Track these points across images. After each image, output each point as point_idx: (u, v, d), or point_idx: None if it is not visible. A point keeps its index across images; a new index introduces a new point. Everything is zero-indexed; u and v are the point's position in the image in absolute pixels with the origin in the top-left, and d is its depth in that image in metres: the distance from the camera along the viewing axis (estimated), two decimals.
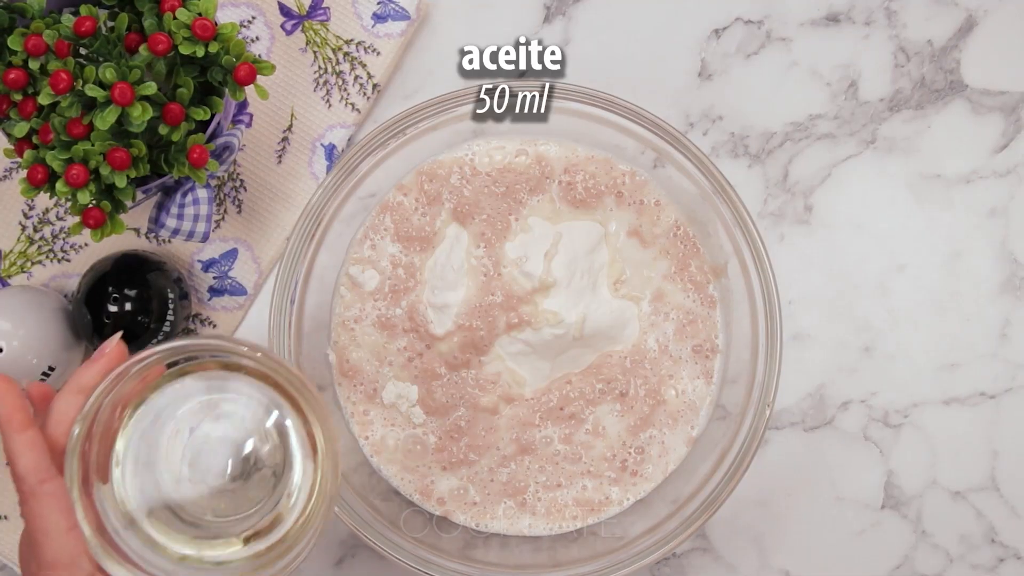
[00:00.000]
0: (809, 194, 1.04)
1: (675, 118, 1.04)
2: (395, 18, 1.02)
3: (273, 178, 1.03)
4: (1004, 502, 1.04)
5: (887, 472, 1.04)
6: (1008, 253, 1.04)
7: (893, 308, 1.04)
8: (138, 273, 0.97)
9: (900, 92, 1.04)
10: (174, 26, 0.82)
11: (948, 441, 1.04)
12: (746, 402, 0.92)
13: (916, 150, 1.04)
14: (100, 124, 0.80)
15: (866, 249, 1.04)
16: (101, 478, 0.73)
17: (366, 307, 0.96)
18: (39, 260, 1.03)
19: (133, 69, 0.81)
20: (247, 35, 1.03)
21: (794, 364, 1.03)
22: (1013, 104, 1.04)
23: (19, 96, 0.83)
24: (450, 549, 0.93)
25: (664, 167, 0.94)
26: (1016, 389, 1.04)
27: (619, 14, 1.04)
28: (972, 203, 1.04)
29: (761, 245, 0.90)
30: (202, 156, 0.85)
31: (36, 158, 0.82)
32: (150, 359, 0.71)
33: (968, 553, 1.04)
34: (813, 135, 1.04)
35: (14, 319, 0.95)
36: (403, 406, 0.96)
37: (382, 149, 0.92)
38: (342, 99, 1.03)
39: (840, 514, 1.04)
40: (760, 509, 1.04)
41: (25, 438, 0.71)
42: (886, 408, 1.04)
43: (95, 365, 0.74)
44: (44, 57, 0.82)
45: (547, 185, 0.95)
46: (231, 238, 1.03)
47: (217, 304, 1.03)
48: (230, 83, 0.85)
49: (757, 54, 1.04)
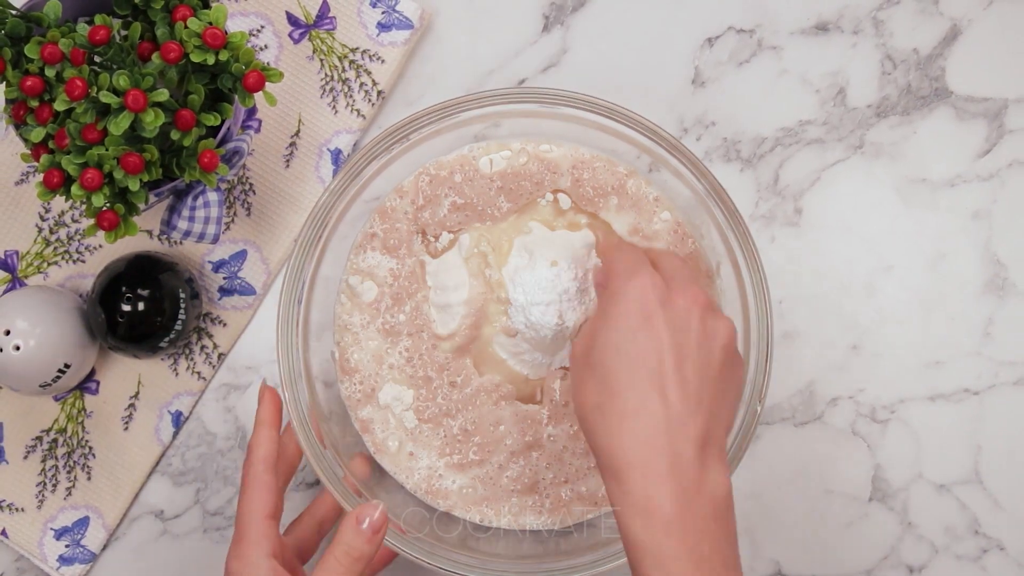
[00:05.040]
0: (799, 197, 1.04)
1: (670, 124, 1.04)
2: (399, 27, 1.03)
3: (281, 182, 1.04)
4: (987, 495, 1.04)
5: (874, 466, 1.04)
6: (991, 254, 1.04)
7: (880, 307, 1.04)
8: (151, 273, 0.98)
9: (887, 99, 1.04)
10: (185, 35, 0.83)
11: (933, 436, 1.04)
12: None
13: (902, 155, 1.04)
14: (114, 129, 0.80)
15: (854, 250, 1.04)
16: None
17: (365, 316, 0.96)
18: (55, 261, 1.04)
19: (146, 76, 0.81)
20: (256, 43, 1.04)
21: (784, 361, 1.03)
22: (996, 110, 1.04)
23: (36, 102, 0.84)
24: (451, 541, 0.93)
25: (659, 171, 0.94)
26: (999, 386, 1.04)
27: (616, 23, 1.05)
28: (957, 206, 1.04)
29: (753, 246, 0.90)
30: (212, 160, 0.86)
31: (52, 162, 0.82)
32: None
33: (953, 544, 1.04)
34: (803, 140, 1.04)
35: (31, 318, 0.96)
36: (397, 408, 0.96)
37: (386, 154, 0.92)
38: (348, 105, 1.04)
39: (829, 506, 1.04)
40: (752, 502, 1.04)
41: (271, 434, 0.87)
42: (873, 404, 1.04)
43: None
44: (60, 65, 0.82)
45: (552, 183, 0.95)
46: (240, 240, 1.04)
47: (227, 303, 1.04)
48: (240, 90, 0.85)
49: (749, 62, 1.05)
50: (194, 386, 1.04)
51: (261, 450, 0.86)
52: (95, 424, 1.04)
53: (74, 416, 1.04)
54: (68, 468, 1.04)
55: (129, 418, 1.04)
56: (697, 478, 0.73)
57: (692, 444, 0.74)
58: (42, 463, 1.04)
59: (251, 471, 0.85)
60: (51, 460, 1.04)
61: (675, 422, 0.74)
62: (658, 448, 0.73)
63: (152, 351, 0.99)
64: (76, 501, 1.04)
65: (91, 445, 1.04)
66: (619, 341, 0.76)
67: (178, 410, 1.04)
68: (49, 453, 1.04)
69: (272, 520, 0.84)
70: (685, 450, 0.73)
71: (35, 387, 0.97)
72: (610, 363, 0.76)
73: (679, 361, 0.75)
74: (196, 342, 1.04)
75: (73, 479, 1.04)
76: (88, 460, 1.04)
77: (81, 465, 1.04)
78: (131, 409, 1.04)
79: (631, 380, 0.75)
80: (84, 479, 1.04)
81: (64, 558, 1.03)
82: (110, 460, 1.04)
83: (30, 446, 1.04)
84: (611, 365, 0.76)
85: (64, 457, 1.04)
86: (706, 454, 0.74)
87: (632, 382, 0.75)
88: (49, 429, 1.04)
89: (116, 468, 1.04)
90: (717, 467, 0.75)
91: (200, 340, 1.04)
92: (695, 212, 0.94)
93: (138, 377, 1.04)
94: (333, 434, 0.94)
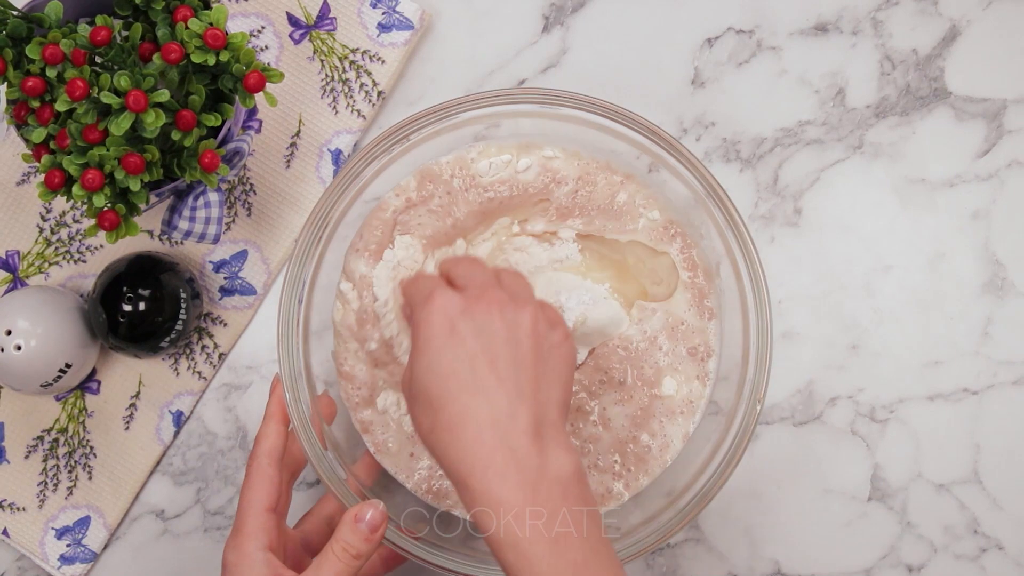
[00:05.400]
0: (798, 197, 1.04)
1: (669, 124, 1.04)
2: (399, 28, 1.03)
3: (282, 182, 1.04)
4: (986, 494, 1.04)
5: (873, 465, 1.04)
6: (990, 254, 1.04)
7: (879, 307, 1.04)
8: (151, 273, 0.98)
9: (886, 99, 1.04)
10: (186, 36, 0.83)
11: (932, 435, 1.04)
12: (738, 398, 0.92)
13: (901, 155, 1.04)
14: (115, 130, 0.80)
15: (853, 250, 1.04)
16: None
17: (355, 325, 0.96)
18: (56, 261, 1.04)
19: (147, 77, 0.81)
20: (257, 44, 1.04)
21: (784, 361, 1.03)
22: (995, 111, 1.04)
23: (37, 103, 0.84)
24: (451, 540, 0.93)
25: (659, 171, 0.94)
26: (998, 385, 1.04)
27: (615, 24, 1.05)
28: (955, 206, 1.04)
29: (752, 247, 0.90)
30: (213, 161, 0.86)
31: (53, 163, 0.83)
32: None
33: (952, 543, 1.04)
34: (802, 141, 1.04)
35: (33, 318, 0.96)
36: (395, 413, 0.95)
37: (386, 154, 0.92)
38: (348, 106, 1.04)
39: (828, 506, 1.04)
40: (751, 501, 1.04)
41: (278, 428, 0.89)
42: (872, 404, 1.04)
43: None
44: (61, 65, 0.82)
45: (551, 191, 0.95)
46: (241, 240, 1.04)
47: (228, 303, 1.04)
48: (240, 90, 0.86)
49: (748, 62, 1.05)
50: (195, 386, 1.04)
51: (267, 443, 0.87)
52: (96, 424, 1.04)
53: (75, 416, 1.04)
54: (69, 468, 1.04)
55: (130, 418, 1.04)
56: (538, 464, 0.74)
57: (524, 435, 0.75)
58: (43, 463, 1.04)
59: (255, 463, 0.86)
60: (52, 460, 1.04)
61: (502, 419, 0.75)
62: (492, 447, 0.74)
63: (153, 351, 1.00)
64: (77, 501, 1.04)
65: (92, 445, 1.04)
66: (430, 362, 0.77)
67: (179, 410, 1.04)
68: (50, 453, 1.04)
69: (271, 513, 0.84)
70: (519, 441, 0.74)
71: (36, 387, 0.98)
72: (429, 385, 0.77)
73: (491, 361, 0.76)
74: (197, 342, 1.04)
75: (74, 479, 1.04)
76: (89, 460, 1.04)
77: (82, 465, 1.04)
78: (132, 409, 1.04)
79: (450, 393, 0.76)
80: (85, 479, 1.04)
81: (65, 557, 1.03)
82: (111, 460, 1.04)
83: (31, 446, 1.04)
84: (430, 386, 0.77)
85: (65, 457, 1.04)
86: (542, 439, 0.75)
87: (451, 395, 0.76)
88: (50, 429, 1.04)
89: (117, 468, 1.04)
90: (557, 448, 0.76)
91: (201, 340, 1.04)
92: (694, 212, 0.94)
93: (139, 377, 1.04)
94: (334, 434, 0.94)
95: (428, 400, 0.77)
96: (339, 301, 0.96)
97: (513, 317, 0.78)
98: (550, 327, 0.80)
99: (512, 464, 0.74)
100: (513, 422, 0.75)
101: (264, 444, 0.87)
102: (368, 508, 0.82)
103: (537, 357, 0.78)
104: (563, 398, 0.79)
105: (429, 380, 0.77)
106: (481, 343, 0.76)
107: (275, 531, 0.84)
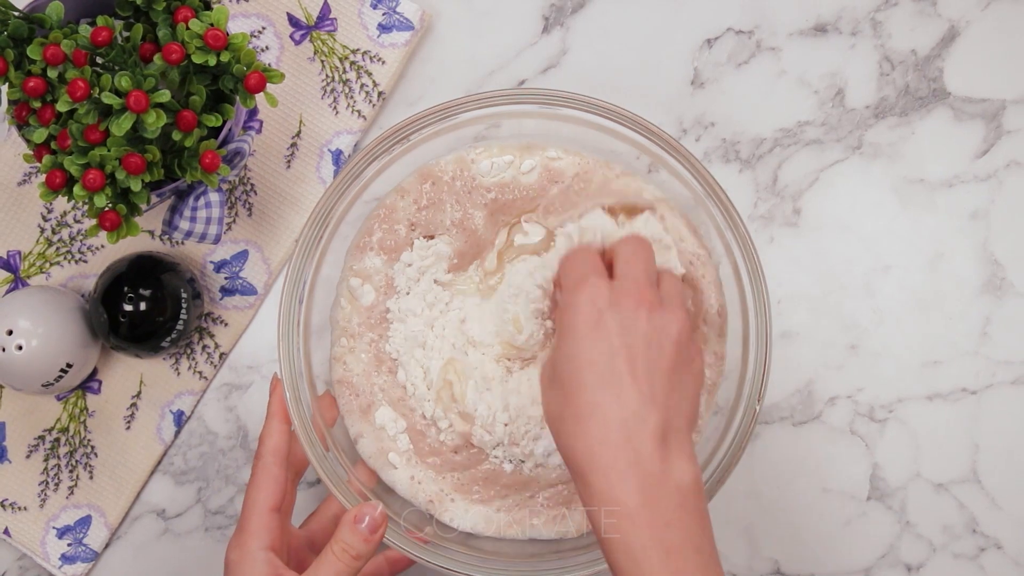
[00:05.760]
0: (798, 198, 1.04)
1: (669, 125, 1.05)
2: (400, 28, 1.03)
3: (282, 182, 1.04)
4: (985, 494, 1.04)
5: (872, 465, 1.04)
6: (989, 254, 1.04)
7: (878, 307, 1.04)
8: (152, 274, 0.98)
9: (885, 100, 1.05)
10: (187, 36, 0.83)
11: (931, 435, 1.04)
12: (737, 397, 0.92)
13: (901, 155, 1.04)
14: (116, 130, 0.80)
15: (852, 250, 1.05)
16: None
17: (363, 331, 0.96)
18: (57, 261, 1.04)
19: (148, 77, 0.81)
20: (257, 45, 1.04)
21: (783, 361, 1.03)
22: (994, 111, 1.04)
23: (38, 103, 0.84)
24: (452, 540, 0.93)
25: (658, 172, 0.94)
26: (996, 385, 1.04)
27: (615, 25, 1.05)
28: (954, 206, 1.04)
29: (752, 246, 0.91)
30: (214, 161, 0.86)
31: (54, 163, 0.83)
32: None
33: (950, 543, 1.04)
34: (801, 141, 1.04)
35: (34, 318, 0.96)
36: (392, 430, 0.95)
37: (387, 155, 0.92)
38: (349, 106, 1.04)
39: (827, 505, 1.04)
40: (751, 500, 1.04)
41: (281, 426, 0.89)
42: (872, 403, 1.04)
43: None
44: (62, 66, 0.82)
45: (549, 190, 0.95)
46: (242, 240, 1.04)
47: (228, 303, 1.05)
48: (241, 91, 0.86)
49: (748, 63, 1.05)
50: (196, 385, 1.04)
51: (271, 441, 0.88)
52: (97, 423, 1.04)
53: (76, 415, 1.04)
54: (70, 467, 1.04)
55: (131, 417, 1.04)
56: (659, 470, 0.75)
57: (651, 438, 0.75)
58: (44, 462, 1.04)
59: (260, 463, 0.87)
60: (53, 459, 1.04)
61: (631, 419, 0.75)
62: (617, 445, 0.75)
63: (154, 351, 1.00)
64: (78, 500, 1.04)
65: (93, 444, 1.04)
66: (572, 350, 0.78)
67: (180, 409, 1.04)
68: (51, 452, 1.04)
69: (275, 513, 0.85)
70: (644, 444, 0.75)
71: (37, 386, 0.98)
72: (566, 372, 0.78)
73: (630, 360, 0.77)
74: (198, 342, 1.04)
75: (75, 478, 1.04)
76: (90, 459, 1.04)
77: (83, 464, 1.04)
78: (133, 408, 1.04)
79: (585, 384, 0.77)
80: (86, 478, 1.04)
81: (66, 557, 1.03)
82: (112, 459, 1.04)
83: (32, 445, 1.04)
84: (567, 374, 0.78)
85: (66, 456, 1.04)
86: (667, 446, 0.76)
87: (586, 386, 0.77)
88: (51, 428, 1.04)
89: (118, 467, 1.04)
90: (680, 457, 0.76)
91: (202, 340, 1.04)
92: (694, 212, 0.94)
93: (140, 377, 1.04)
94: (336, 434, 0.94)
95: (562, 386, 0.77)
96: (344, 300, 0.96)
97: (660, 321, 0.79)
98: (691, 342, 0.81)
99: (634, 466, 0.74)
100: (641, 424, 0.75)
101: (268, 443, 0.87)
102: (368, 509, 0.83)
103: (675, 366, 0.79)
104: (692, 412, 0.80)
105: (567, 367, 0.77)
106: (624, 340, 0.77)
107: (278, 531, 0.84)
